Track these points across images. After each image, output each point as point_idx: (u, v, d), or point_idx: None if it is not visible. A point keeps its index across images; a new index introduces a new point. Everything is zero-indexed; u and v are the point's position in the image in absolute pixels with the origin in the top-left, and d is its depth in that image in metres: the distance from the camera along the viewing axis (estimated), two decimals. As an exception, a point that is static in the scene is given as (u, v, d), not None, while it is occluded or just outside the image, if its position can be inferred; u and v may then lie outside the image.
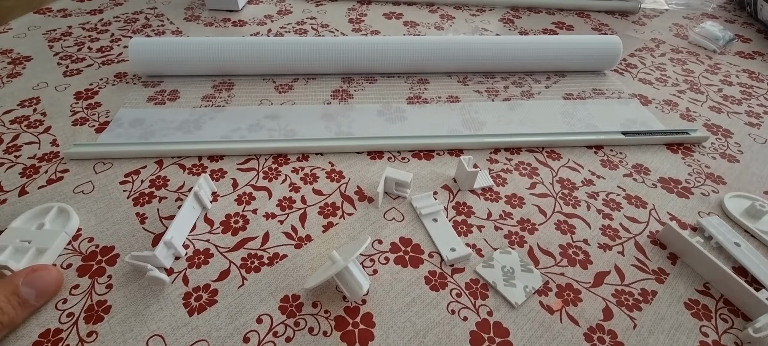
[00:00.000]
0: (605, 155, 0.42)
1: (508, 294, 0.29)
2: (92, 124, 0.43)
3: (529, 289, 0.30)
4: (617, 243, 0.33)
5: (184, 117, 0.44)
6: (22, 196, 0.35)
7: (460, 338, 0.27)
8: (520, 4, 0.72)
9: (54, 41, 0.57)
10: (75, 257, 0.31)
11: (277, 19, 0.65)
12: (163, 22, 0.63)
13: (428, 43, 0.50)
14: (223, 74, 0.50)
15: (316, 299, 0.29)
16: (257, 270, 0.30)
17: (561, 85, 0.52)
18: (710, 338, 0.28)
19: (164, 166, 0.38)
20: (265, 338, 0.27)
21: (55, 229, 0.32)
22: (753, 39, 0.66)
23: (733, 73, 0.56)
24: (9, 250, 0.30)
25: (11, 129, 0.42)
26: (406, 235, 0.33)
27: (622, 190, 0.38)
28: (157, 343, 0.26)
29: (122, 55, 0.54)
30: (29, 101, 0.46)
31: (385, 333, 0.27)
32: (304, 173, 0.38)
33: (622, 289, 0.30)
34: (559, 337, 0.27)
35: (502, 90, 0.50)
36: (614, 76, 0.54)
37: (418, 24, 0.65)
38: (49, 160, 0.39)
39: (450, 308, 0.29)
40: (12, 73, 0.50)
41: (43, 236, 0.31)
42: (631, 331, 0.28)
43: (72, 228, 0.32)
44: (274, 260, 0.31)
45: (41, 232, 0.31)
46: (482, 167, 0.39)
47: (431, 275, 0.30)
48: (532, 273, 0.31)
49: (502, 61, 0.52)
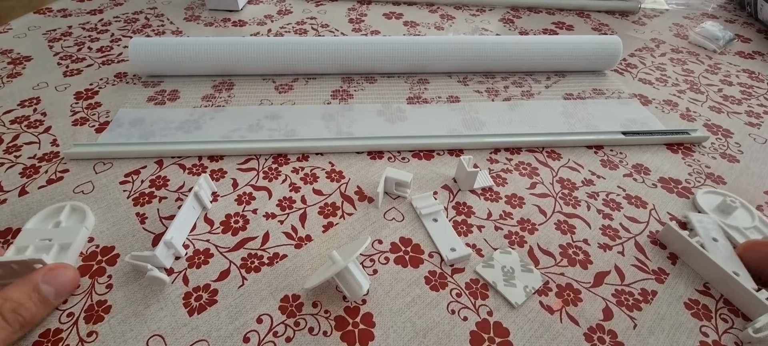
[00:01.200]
0: (605, 155, 0.42)
1: (508, 294, 0.29)
2: (92, 125, 0.43)
3: (529, 289, 0.30)
4: (617, 243, 0.33)
5: (184, 117, 0.44)
6: (22, 196, 0.35)
7: (460, 338, 0.27)
8: (520, 4, 0.72)
9: (54, 41, 0.57)
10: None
11: (277, 19, 0.65)
12: (163, 22, 0.63)
13: (428, 43, 0.50)
14: (223, 74, 0.50)
15: (316, 299, 0.29)
16: (257, 270, 0.30)
17: (561, 85, 0.52)
18: (710, 338, 0.28)
19: (164, 166, 0.38)
20: (265, 338, 0.27)
21: (73, 225, 0.32)
22: (753, 39, 0.66)
23: (733, 73, 0.56)
24: (31, 249, 0.30)
25: (11, 129, 0.42)
26: (406, 235, 0.33)
27: (622, 190, 0.38)
28: (157, 343, 0.26)
29: (122, 55, 0.54)
30: (29, 101, 0.46)
31: (385, 333, 0.27)
32: (304, 173, 0.38)
33: (622, 289, 0.30)
34: (559, 337, 0.27)
35: (502, 90, 0.50)
36: (614, 76, 0.54)
37: (418, 24, 0.65)
38: (49, 160, 0.39)
39: (450, 308, 0.29)
40: (12, 73, 0.50)
41: (63, 233, 0.31)
42: (631, 331, 0.28)
43: (90, 223, 0.33)
44: (274, 260, 0.31)
45: (60, 229, 0.31)
46: (482, 167, 0.39)
47: (431, 275, 0.30)
48: (532, 273, 0.31)
49: (502, 61, 0.52)
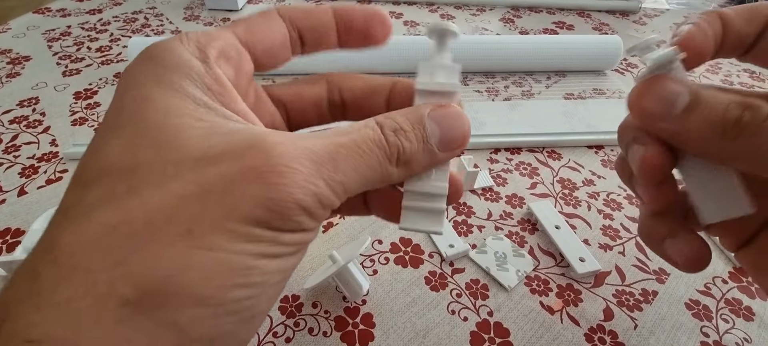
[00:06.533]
0: (606, 155, 0.42)
1: (501, 278, 0.30)
2: (92, 125, 0.43)
3: (520, 273, 0.30)
4: (618, 243, 0.33)
5: (184, 117, 0.44)
6: (21, 196, 0.35)
7: (461, 338, 0.27)
8: (520, 4, 0.72)
9: (53, 41, 0.57)
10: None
11: (277, 18, 0.65)
12: (162, 22, 0.63)
13: (428, 43, 0.50)
14: (222, 74, 0.50)
15: (316, 299, 0.29)
16: (257, 270, 0.30)
17: (561, 85, 0.52)
18: (711, 338, 0.28)
19: (164, 166, 0.38)
20: (265, 338, 0.26)
21: None
22: (753, 39, 0.66)
23: (733, 73, 0.56)
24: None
25: (10, 129, 0.42)
26: (406, 235, 0.33)
27: (623, 190, 0.38)
28: (156, 344, 0.26)
29: (121, 54, 0.54)
30: (28, 101, 0.46)
31: (385, 334, 0.27)
32: (304, 172, 0.38)
33: (622, 289, 0.30)
34: (560, 337, 0.27)
35: (503, 90, 0.50)
36: (615, 75, 0.54)
37: (418, 24, 0.65)
38: (48, 160, 0.38)
39: (450, 308, 0.28)
40: (11, 73, 0.50)
41: None
42: (631, 331, 0.28)
43: None
44: (273, 260, 0.31)
45: None
46: (482, 167, 0.39)
47: (431, 275, 0.30)
48: (523, 258, 0.31)
49: (503, 61, 0.51)
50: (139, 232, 0.12)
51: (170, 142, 0.13)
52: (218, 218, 0.12)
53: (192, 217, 0.12)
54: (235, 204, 0.12)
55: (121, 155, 0.13)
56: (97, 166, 0.13)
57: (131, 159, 0.13)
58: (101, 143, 0.14)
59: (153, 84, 0.14)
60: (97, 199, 0.12)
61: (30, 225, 0.32)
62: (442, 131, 0.17)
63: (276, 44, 0.18)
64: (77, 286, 0.11)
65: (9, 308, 0.11)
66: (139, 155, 0.13)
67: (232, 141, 0.13)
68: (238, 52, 0.16)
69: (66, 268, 0.12)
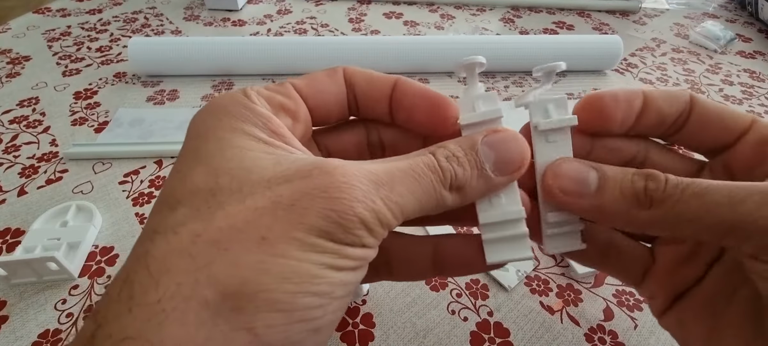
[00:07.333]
0: (606, 155, 0.41)
1: (501, 278, 0.30)
2: (91, 124, 0.43)
3: (520, 273, 0.30)
4: (618, 243, 0.33)
5: (184, 117, 0.44)
6: (21, 196, 0.35)
7: (461, 338, 0.27)
8: (520, 4, 0.72)
9: (53, 41, 0.57)
10: (74, 257, 0.31)
11: (277, 18, 0.65)
12: (162, 22, 0.63)
13: (428, 42, 0.50)
14: (222, 74, 0.50)
15: (315, 299, 0.29)
16: (257, 270, 0.30)
17: (561, 85, 0.52)
18: (711, 338, 0.28)
19: (164, 166, 0.38)
20: (265, 338, 0.26)
21: (81, 224, 0.32)
22: (754, 39, 0.66)
23: (734, 73, 0.56)
24: (39, 249, 0.30)
25: (10, 129, 0.42)
26: (406, 235, 0.33)
27: (623, 190, 0.38)
28: (156, 344, 0.26)
29: (121, 54, 0.54)
30: (28, 101, 0.46)
31: (385, 334, 0.27)
32: (304, 172, 0.38)
33: (622, 289, 0.30)
34: (560, 337, 0.27)
35: (503, 90, 0.50)
36: (615, 75, 0.54)
37: (418, 24, 0.65)
38: (48, 160, 0.38)
39: (450, 308, 0.28)
40: (11, 73, 0.50)
41: (71, 232, 0.31)
42: (631, 331, 0.28)
43: (98, 222, 0.33)
44: (273, 260, 0.31)
45: (67, 229, 0.31)
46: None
47: (431, 275, 0.30)
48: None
49: (503, 61, 0.51)
50: (220, 239, 0.13)
51: (245, 168, 0.15)
52: (287, 228, 0.14)
53: (265, 226, 0.14)
54: (302, 216, 0.14)
55: (205, 180, 0.15)
56: (182, 189, 0.15)
57: (213, 183, 0.15)
58: (185, 172, 0.15)
59: (226, 129, 0.16)
60: (183, 216, 0.14)
61: (30, 225, 0.32)
62: (496, 155, 0.18)
63: (330, 102, 0.20)
64: (166, 288, 0.12)
65: (105, 313, 0.13)
66: (220, 180, 0.15)
67: (299, 165, 0.15)
68: (297, 104, 0.19)
69: (156, 273, 0.13)
